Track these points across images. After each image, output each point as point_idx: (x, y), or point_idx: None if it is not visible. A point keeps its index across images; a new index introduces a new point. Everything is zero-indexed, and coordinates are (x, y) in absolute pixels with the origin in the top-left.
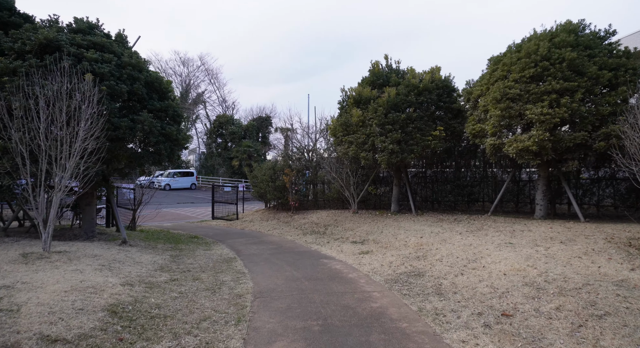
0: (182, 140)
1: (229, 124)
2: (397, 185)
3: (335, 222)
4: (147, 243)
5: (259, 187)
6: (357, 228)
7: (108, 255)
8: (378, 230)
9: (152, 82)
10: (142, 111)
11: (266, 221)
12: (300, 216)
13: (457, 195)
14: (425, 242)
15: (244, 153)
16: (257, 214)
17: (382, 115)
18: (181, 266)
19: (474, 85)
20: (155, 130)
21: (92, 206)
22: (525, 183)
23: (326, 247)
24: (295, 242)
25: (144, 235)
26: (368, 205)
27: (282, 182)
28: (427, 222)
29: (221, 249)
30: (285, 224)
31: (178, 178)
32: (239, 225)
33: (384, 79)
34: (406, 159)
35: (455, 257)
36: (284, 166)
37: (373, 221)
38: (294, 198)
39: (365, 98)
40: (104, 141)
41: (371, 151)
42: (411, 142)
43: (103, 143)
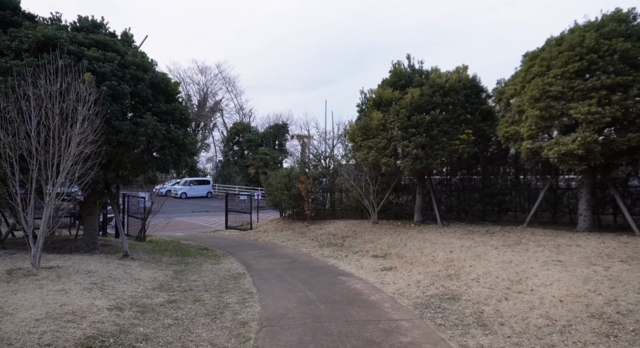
0: (189, 145)
1: (245, 131)
2: (420, 194)
3: (353, 233)
4: (151, 257)
5: (273, 196)
6: (378, 241)
7: (104, 271)
8: (401, 242)
9: (158, 83)
10: (147, 114)
11: (281, 231)
12: (317, 226)
13: (486, 204)
14: (456, 258)
15: (261, 161)
16: (271, 224)
17: (404, 117)
18: (183, 284)
19: (506, 84)
20: (160, 134)
21: (94, 216)
22: (563, 191)
23: (344, 262)
24: (310, 256)
25: (151, 247)
26: (389, 215)
27: (298, 190)
28: (456, 234)
29: (230, 263)
30: (300, 235)
31: (194, 187)
32: (252, 235)
33: (406, 80)
34: (431, 165)
35: (495, 277)
36: (300, 173)
37: (395, 232)
38: (310, 208)
39: (386, 100)
40: (103, 145)
41: (393, 157)
42: (437, 147)
43: (102, 147)
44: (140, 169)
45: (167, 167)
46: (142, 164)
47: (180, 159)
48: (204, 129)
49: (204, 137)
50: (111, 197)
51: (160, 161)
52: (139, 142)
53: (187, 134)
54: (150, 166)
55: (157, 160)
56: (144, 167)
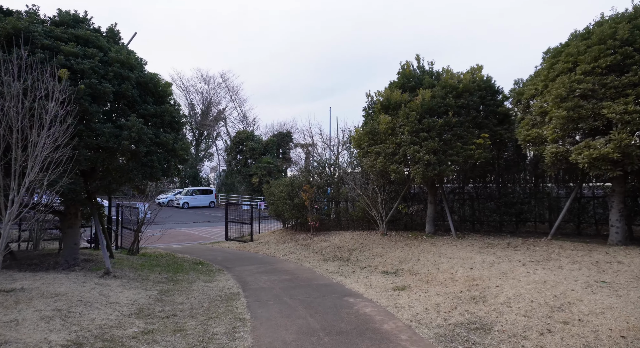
0: (179, 150)
1: (248, 140)
2: (432, 203)
3: (361, 245)
4: (137, 274)
5: (275, 205)
6: (388, 254)
7: (76, 293)
8: (413, 257)
9: (146, 82)
10: (132, 116)
11: (282, 243)
12: (321, 238)
13: (504, 214)
14: (478, 276)
15: (264, 170)
16: (273, 235)
17: (415, 121)
18: (167, 307)
19: (525, 85)
20: (147, 138)
21: (74, 229)
22: (588, 200)
23: (351, 279)
24: (314, 271)
25: (141, 261)
26: (398, 226)
27: (301, 199)
28: (473, 247)
29: (225, 280)
30: (303, 247)
31: (197, 196)
32: (252, 248)
33: (415, 82)
34: (445, 172)
35: (529, 301)
36: (303, 182)
37: (406, 245)
38: (313, 218)
39: (394, 102)
40: (81, 150)
41: (402, 163)
42: (450, 152)
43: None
44: (125, 177)
45: (154, 174)
46: (126, 171)
47: (170, 166)
48: (208, 138)
49: (207, 146)
50: (93, 207)
51: (146, 168)
52: (123, 147)
53: (178, 138)
54: (136, 173)
55: (143, 167)
56: (129, 174)
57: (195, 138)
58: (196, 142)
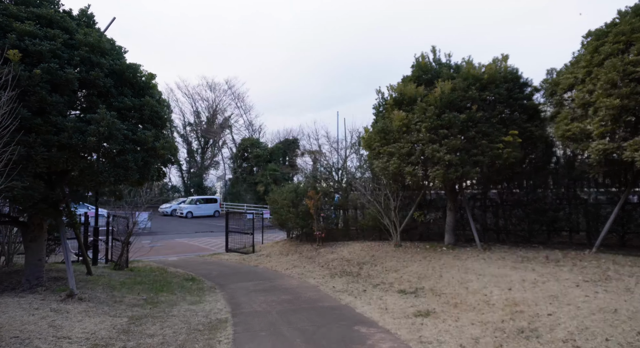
0: (160, 149)
1: (254, 147)
2: (451, 210)
3: (372, 258)
4: (111, 295)
5: (279, 214)
6: (404, 269)
7: (16, 324)
8: (434, 272)
9: (122, 71)
10: (101, 108)
11: (285, 255)
12: (328, 249)
13: (533, 222)
14: (520, 299)
15: (270, 177)
16: (276, 246)
17: (433, 116)
18: (131, 343)
19: (560, 74)
20: (119, 134)
21: (38, 242)
22: (634, 206)
23: (362, 300)
24: (318, 290)
25: (123, 278)
26: (413, 236)
27: (306, 207)
28: (505, 261)
29: (214, 302)
30: (308, 260)
31: (201, 205)
32: (253, 260)
33: (432, 74)
34: (469, 174)
35: (603, 339)
36: (308, 188)
37: (424, 258)
38: (319, 227)
39: (409, 97)
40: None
41: (419, 164)
42: (474, 152)
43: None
44: (94, 180)
45: (129, 176)
46: (95, 173)
47: (149, 167)
48: (213, 146)
49: (213, 154)
50: (57, 218)
51: (120, 169)
52: (89, 144)
53: (159, 135)
54: (107, 176)
55: (116, 168)
56: (98, 177)
57: (201, 146)
58: (202, 150)
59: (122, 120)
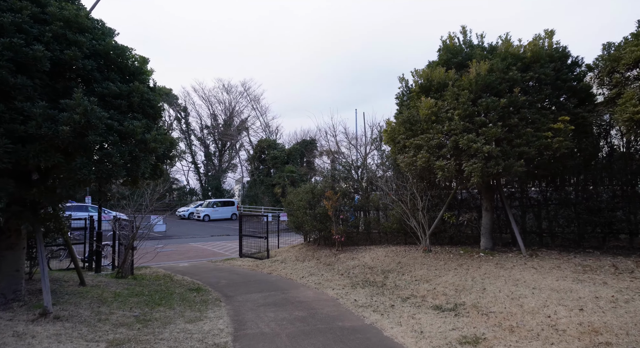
0: (151, 142)
1: (271, 148)
2: (488, 211)
3: (398, 265)
4: (97, 311)
5: (294, 216)
6: (437, 279)
7: None
8: (475, 284)
9: (107, 52)
10: (77, 91)
11: (302, 261)
12: (348, 255)
13: (585, 223)
14: (600, 324)
15: (287, 179)
16: (292, 251)
17: (467, 102)
18: None
19: (623, 47)
20: (100, 123)
21: (16, 251)
22: None
23: (390, 319)
24: (338, 304)
25: (119, 289)
26: (442, 240)
27: (323, 208)
28: (562, 271)
29: (216, 319)
30: (326, 267)
31: (218, 208)
32: (266, 267)
33: (463, 57)
34: (511, 168)
35: None
36: (326, 188)
37: (460, 266)
38: (339, 231)
39: (437, 83)
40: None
41: (452, 158)
42: (518, 142)
43: None
44: (73, 178)
45: (114, 173)
46: (72, 169)
47: (139, 163)
48: (231, 149)
49: (230, 157)
50: (35, 224)
51: (102, 165)
52: (62, 135)
53: (151, 126)
54: (87, 173)
55: (98, 164)
56: (76, 174)
57: (219, 149)
58: (219, 153)
59: (106, 108)
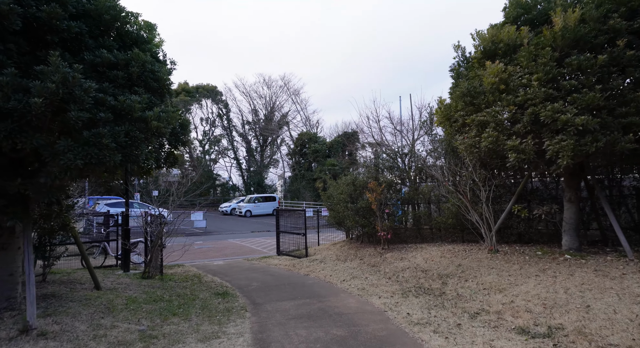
0: (152, 120)
1: (311, 141)
2: (572, 202)
3: (459, 269)
4: (96, 324)
5: (335, 211)
6: (513, 288)
7: None
8: (571, 297)
9: (100, 14)
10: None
11: (343, 261)
12: (396, 254)
13: None
14: None
15: (328, 173)
16: (333, 249)
17: (550, 62)
18: None
19: None
20: (86, 96)
21: (8, 252)
22: None
23: (460, 346)
24: (387, 319)
25: (137, 293)
26: (507, 237)
27: (366, 202)
28: None
29: (235, 338)
30: (371, 269)
31: (259, 204)
32: (304, 267)
33: (538, 11)
34: (616, 145)
35: None
36: (369, 178)
37: (542, 271)
38: (384, 227)
39: (506, 44)
40: None
41: (530, 135)
42: (623, 111)
43: None
44: (57, 164)
45: (106, 158)
46: (55, 154)
47: (138, 146)
48: (272, 144)
49: (272, 152)
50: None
51: (91, 148)
52: (34, 109)
53: (153, 103)
54: (72, 158)
55: (85, 146)
56: (59, 159)
57: (260, 144)
58: (261, 148)
59: (99, 80)
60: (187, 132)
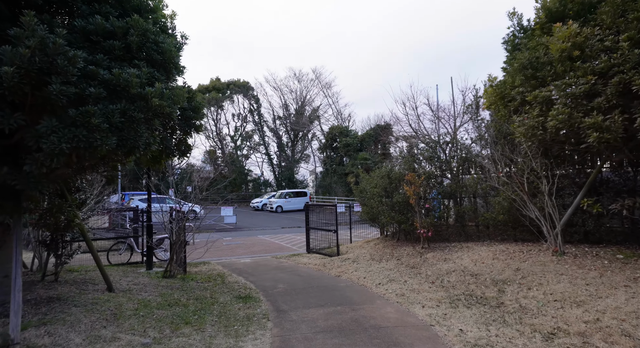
0: (153, 97)
1: (342, 135)
2: None
3: (517, 274)
4: (95, 336)
5: (368, 206)
6: (596, 302)
7: None
8: None
9: None
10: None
11: (378, 261)
12: (438, 255)
13: None
14: None
15: (360, 167)
16: (366, 247)
17: None
18: None
19: None
20: (70, 67)
21: (4, 249)
22: None
23: None
24: (435, 337)
25: (152, 296)
26: (572, 236)
27: (403, 196)
28: None
29: None
30: (410, 271)
31: (290, 199)
32: (335, 267)
33: None
34: None
35: None
36: (406, 170)
37: (632, 281)
38: (424, 223)
39: (580, 3)
40: None
41: (617, 110)
42: None
43: None
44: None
45: (97, 142)
46: (39, 136)
47: (137, 128)
48: (303, 139)
49: (303, 147)
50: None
51: (79, 129)
52: (5, 81)
53: (158, 79)
54: (56, 141)
55: (72, 127)
56: (42, 142)
57: (291, 139)
58: (292, 143)
59: (91, 51)
60: (201, 115)
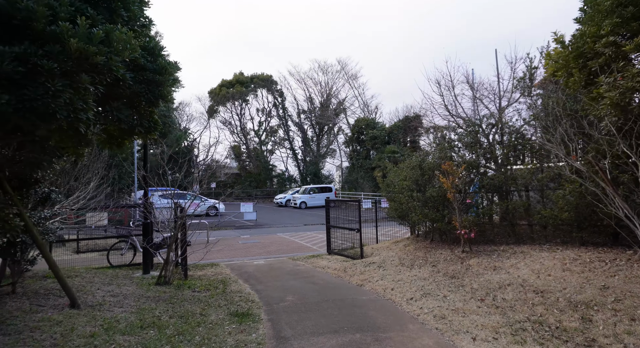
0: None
1: (369, 127)
2: None
3: (605, 294)
4: None
5: (396, 202)
6: None
7: None
8: None
9: None
10: None
11: (409, 268)
12: (484, 261)
13: None
14: None
15: (388, 160)
16: (395, 249)
17: None
18: None
19: None
20: None
21: None
22: None
23: None
24: None
25: (130, 311)
26: None
27: (438, 189)
28: None
29: None
30: (450, 282)
31: (315, 195)
32: (357, 273)
33: None
34: None
35: None
36: (442, 159)
37: None
38: (465, 222)
39: None
40: None
41: None
42: None
43: None
44: None
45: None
46: None
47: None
48: (329, 133)
49: (328, 142)
50: None
51: None
52: None
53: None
54: None
55: None
56: None
57: (316, 134)
58: (317, 138)
59: None
60: (170, 80)
